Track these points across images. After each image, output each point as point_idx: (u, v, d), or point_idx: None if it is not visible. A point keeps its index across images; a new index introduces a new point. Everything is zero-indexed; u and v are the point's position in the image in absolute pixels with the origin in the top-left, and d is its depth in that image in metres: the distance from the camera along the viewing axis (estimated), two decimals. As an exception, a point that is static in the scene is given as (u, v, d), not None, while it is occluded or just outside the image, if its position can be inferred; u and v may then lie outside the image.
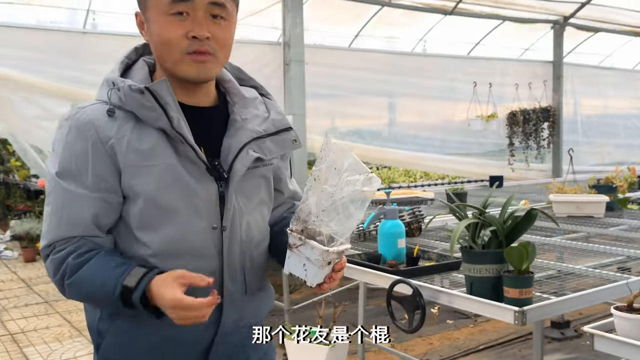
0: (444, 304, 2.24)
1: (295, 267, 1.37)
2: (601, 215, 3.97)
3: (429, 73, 7.00)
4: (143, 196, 1.34)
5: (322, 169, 1.34)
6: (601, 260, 2.86)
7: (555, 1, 6.95)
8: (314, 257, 1.33)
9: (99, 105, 1.37)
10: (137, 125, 1.35)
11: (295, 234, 1.35)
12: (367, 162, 9.74)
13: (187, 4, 1.32)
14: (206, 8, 1.33)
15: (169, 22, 1.33)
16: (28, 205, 9.90)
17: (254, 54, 5.64)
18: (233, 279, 1.44)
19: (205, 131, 1.42)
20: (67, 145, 1.35)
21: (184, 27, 1.33)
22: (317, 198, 1.34)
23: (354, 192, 1.32)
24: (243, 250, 1.45)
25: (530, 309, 1.95)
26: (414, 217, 3.36)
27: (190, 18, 1.33)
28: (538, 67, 7.72)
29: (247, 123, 1.46)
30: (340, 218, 1.33)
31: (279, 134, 1.50)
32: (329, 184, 1.33)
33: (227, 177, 1.40)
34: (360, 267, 2.60)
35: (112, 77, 1.39)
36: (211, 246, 1.40)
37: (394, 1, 6.49)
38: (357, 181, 1.32)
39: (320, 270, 1.35)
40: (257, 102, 1.52)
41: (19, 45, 4.84)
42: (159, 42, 1.37)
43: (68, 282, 1.34)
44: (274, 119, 1.51)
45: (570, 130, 7.99)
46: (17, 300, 6.03)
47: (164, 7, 1.33)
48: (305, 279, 1.36)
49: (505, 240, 2.10)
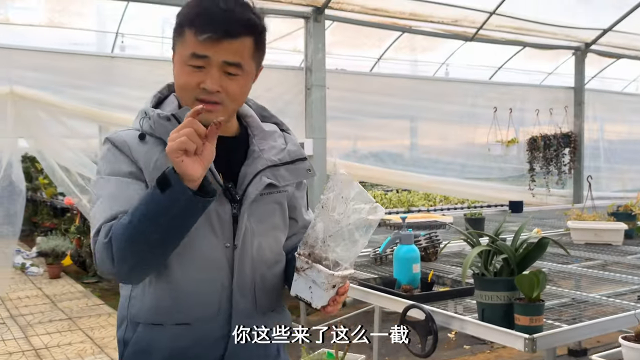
0: (456, 329, 2.28)
1: (302, 290, 1.46)
2: (619, 243, 3.96)
3: (450, 98, 7.06)
4: None
5: (330, 197, 1.43)
6: (616, 289, 2.87)
7: (576, 28, 6.98)
8: (320, 280, 1.42)
9: (132, 131, 1.54)
10: (165, 149, 1.44)
11: (302, 258, 1.44)
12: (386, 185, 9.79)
13: (204, 60, 1.45)
14: (220, 65, 1.46)
15: (187, 71, 1.47)
16: (54, 222, 10.10)
17: (277, 79, 5.76)
18: (243, 294, 1.53)
19: (224, 158, 1.52)
20: (108, 155, 1.51)
21: (198, 78, 1.46)
22: (324, 225, 1.43)
23: (360, 220, 1.41)
24: (254, 268, 1.55)
25: (540, 336, 1.99)
26: (430, 241, 3.40)
27: (206, 70, 1.46)
28: (559, 92, 7.74)
29: (264, 153, 1.59)
30: (346, 244, 1.42)
31: (293, 163, 1.62)
32: (337, 212, 1.42)
33: (241, 200, 1.52)
34: (375, 292, 2.65)
35: (144, 107, 1.55)
36: (223, 262, 1.51)
37: (414, 27, 6.57)
38: (362, 210, 1.41)
39: (325, 293, 1.43)
40: (276, 136, 1.65)
41: (51, 69, 5.03)
42: (177, 84, 1.52)
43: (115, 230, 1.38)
44: (290, 149, 1.63)
45: (592, 156, 7.95)
46: (42, 316, 6.16)
47: (185, 58, 1.47)
48: (310, 300, 1.45)
49: (517, 267, 2.14)
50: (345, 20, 6.09)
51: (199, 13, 1.45)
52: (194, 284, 1.49)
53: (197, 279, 1.49)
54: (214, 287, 1.51)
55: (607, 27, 7.01)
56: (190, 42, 1.45)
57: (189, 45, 1.45)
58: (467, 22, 6.39)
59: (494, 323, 2.12)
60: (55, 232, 9.06)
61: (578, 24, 6.90)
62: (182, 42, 1.47)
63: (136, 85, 5.29)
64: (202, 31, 1.43)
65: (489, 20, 6.36)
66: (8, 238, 5.17)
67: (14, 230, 4.95)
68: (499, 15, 6.30)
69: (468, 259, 2.09)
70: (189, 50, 1.45)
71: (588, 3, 6.74)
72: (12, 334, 5.57)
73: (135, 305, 1.53)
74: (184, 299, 1.49)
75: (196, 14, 1.45)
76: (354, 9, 5.79)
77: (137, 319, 1.53)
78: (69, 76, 5.10)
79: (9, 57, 4.76)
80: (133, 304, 1.54)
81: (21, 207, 4.90)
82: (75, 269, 8.29)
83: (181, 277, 1.48)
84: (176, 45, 1.51)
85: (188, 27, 1.46)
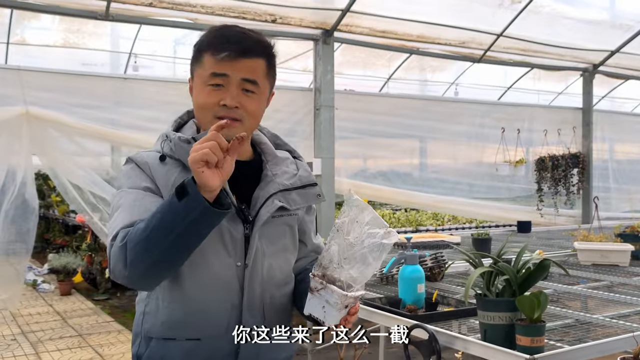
0: (459, 349, 2.31)
1: (315, 309, 1.51)
2: (626, 264, 3.97)
3: (458, 118, 7.11)
4: None
5: (345, 221, 1.50)
6: (621, 310, 2.88)
7: (584, 50, 7.03)
8: (333, 300, 1.47)
9: (153, 152, 1.64)
10: (183, 171, 1.58)
11: (317, 279, 1.50)
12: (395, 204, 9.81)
13: (223, 78, 1.56)
14: (239, 83, 1.57)
15: (207, 91, 1.57)
16: (66, 239, 10.20)
17: (287, 99, 5.84)
18: (252, 313, 1.59)
19: (239, 180, 1.59)
20: (129, 172, 1.60)
21: (218, 96, 1.56)
22: (339, 247, 1.49)
23: (374, 244, 1.48)
24: (263, 287, 1.61)
25: (541, 357, 2.01)
26: (436, 261, 3.43)
27: (225, 89, 1.56)
28: (568, 113, 7.77)
29: (276, 177, 1.67)
30: (359, 266, 1.48)
31: (304, 188, 1.71)
32: (352, 235, 1.48)
33: (253, 221, 1.59)
34: (380, 311, 2.68)
35: (166, 131, 1.65)
36: (234, 280, 1.58)
37: (422, 49, 6.65)
38: (377, 234, 1.48)
39: (338, 313, 1.48)
40: (289, 162, 1.74)
41: (65, 90, 5.13)
42: (197, 105, 1.61)
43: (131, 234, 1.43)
44: (302, 175, 1.72)
45: (601, 177, 7.95)
46: (52, 333, 6.21)
47: (205, 78, 1.57)
48: (323, 320, 1.50)
49: (519, 288, 2.17)
50: (354, 42, 6.18)
51: (216, 36, 1.58)
52: (206, 300, 1.55)
53: (208, 296, 1.55)
54: (224, 305, 1.57)
55: (614, 48, 7.05)
56: (208, 64, 1.56)
57: (208, 66, 1.56)
58: (474, 44, 6.46)
59: (496, 343, 2.15)
60: (66, 250, 9.14)
61: (585, 46, 6.95)
62: (201, 65, 1.58)
63: (147, 105, 5.39)
64: (221, 50, 1.54)
65: (496, 42, 6.42)
66: (21, 255, 5.25)
67: (27, 248, 5.03)
68: (506, 37, 6.36)
69: (470, 279, 2.12)
70: (208, 70, 1.56)
71: (595, 25, 6.79)
72: (23, 350, 5.63)
73: (149, 320, 1.60)
74: (195, 315, 1.55)
75: (213, 37, 1.58)
76: (363, 32, 5.88)
77: (150, 334, 1.59)
78: (82, 97, 5.21)
79: (25, 78, 4.87)
80: (147, 319, 1.61)
81: (34, 225, 4.97)
82: (86, 286, 8.36)
83: (193, 293, 1.55)
84: (195, 72, 1.61)
85: (206, 51, 1.57)
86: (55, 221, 11.22)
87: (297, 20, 5.50)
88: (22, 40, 7.59)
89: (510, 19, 6.07)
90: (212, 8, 5.09)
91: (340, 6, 5.42)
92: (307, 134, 5.90)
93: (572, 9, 6.60)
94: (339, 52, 7.68)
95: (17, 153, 4.88)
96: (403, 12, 5.72)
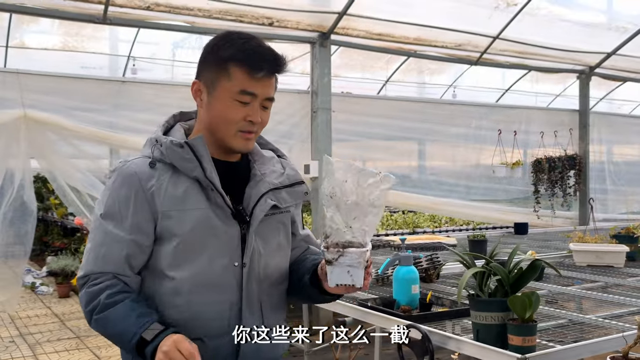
0: (452, 349, 2.33)
1: (341, 277, 1.51)
2: (621, 265, 4.00)
3: (456, 121, 7.13)
4: (179, 236, 1.57)
5: (334, 186, 1.51)
6: (615, 311, 2.90)
7: (580, 52, 7.05)
8: (356, 261, 1.49)
9: (142, 159, 1.63)
10: (174, 175, 1.60)
11: (332, 249, 1.50)
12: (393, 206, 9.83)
13: (252, 96, 1.60)
14: (262, 102, 1.62)
15: (234, 106, 1.60)
16: (64, 242, 10.21)
17: (284, 102, 5.87)
18: (251, 311, 1.63)
19: (231, 182, 1.66)
20: (113, 192, 1.60)
21: (244, 112, 1.60)
22: (340, 212, 1.50)
23: (377, 194, 1.49)
24: (261, 286, 1.65)
25: (533, 356, 2.04)
26: (431, 263, 3.46)
27: (250, 105, 1.60)
28: (564, 115, 7.79)
29: (265, 177, 1.71)
30: (368, 218, 1.50)
31: (292, 187, 1.75)
32: (351, 197, 1.49)
33: (249, 221, 1.63)
34: (375, 312, 2.70)
35: (155, 136, 1.66)
36: (232, 280, 1.61)
37: (419, 52, 6.67)
38: (376, 184, 1.50)
39: (362, 271, 1.50)
40: (275, 161, 1.77)
41: (63, 92, 5.16)
42: (219, 117, 1.62)
43: (96, 317, 1.54)
44: (289, 174, 1.76)
45: (598, 178, 7.98)
46: (50, 335, 6.22)
47: (233, 94, 1.59)
48: (353, 283, 1.51)
49: (511, 289, 2.19)
50: (351, 45, 6.20)
51: (250, 52, 1.58)
52: (206, 301, 1.58)
53: (208, 297, 1.58)
54: (224, 305, 1.60)
55: (610, 50, 7.07)
56: (240, 79, 1.58)
57: (239, 82, 1.58)
58: (470, 46, 6.48)
59: (488, 343, 2.17)
60: (65, 252, 9.15)
61: (582, 48, 6.97)
62: (228, 78, 1.58)
63: (145, 108, 5.42)
64: (258, 69, 1.57)
65: (492, 44, 6.44)
66: (19, 258, 5.27)
67: (25, 250, 5.05)
68: (503, 40, 6.38)
69: (462, 280, 2.14)
70: (239, 86, 1.58)
71: (592, 27, 6.81)
72: (21, 352, 5.64)
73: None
74: (197, 317, 1.58)
75: (247, 53, 1.58)
76: (360, 34, 5.90)
77: None
78: (81, 100, 5.23)
79: (23, 81, 4.89)
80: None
81: (32, 227, 5.00)
82: (84, 288, 8.35)
83: (194, 296, 1.57)
84: (217, 81, 1.60)
85: (237, 64, 1.57)
86: (54, 224, 11.24)
87: (294, 23, 5.52)
88: (21, 43, 7.62)
89: (506, 22, 6.09)
90: (210, 11, 5.11)
91: (337, 9, 5.45)
92: (304, 136, 5.92)
93: (568, 11, 6.63)
94: (337, 54, 7.70)
95: (15, 156, 4.90)
96: (399, 15, 5.74)
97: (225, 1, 5.03)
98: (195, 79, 1.66)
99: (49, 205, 11.12)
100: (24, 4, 4.80)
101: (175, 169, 1.59)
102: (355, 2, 5.30)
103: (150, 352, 1.45)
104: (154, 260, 1.59)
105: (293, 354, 4.61)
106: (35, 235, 5.43)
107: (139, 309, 1.53)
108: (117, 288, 1.54)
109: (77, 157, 5.66)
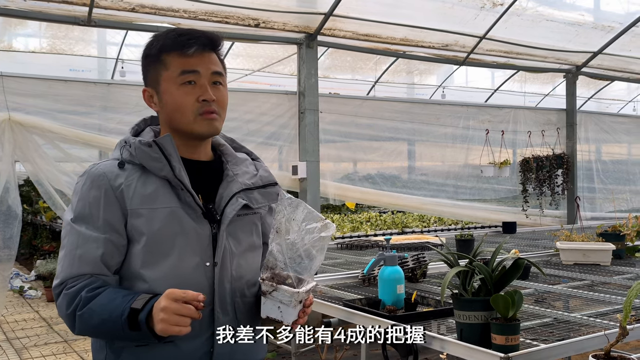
0: (436, 349, 2.32)
1: (271, 311, 1.55)
2: (608, 263, 4.01)
3: (445, 121, 7.15)
4: (147, 235, 1.55)
5: (282, 222, 1.56)
6: (601, 309, 2.91)
7: (566, 51, 7.08)
8: (287, 299, 1.52)
9: (111, 161, 1.63)
10: (143, 174, 1.59)
11: (267, 282, 1.54)
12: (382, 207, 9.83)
13: (194, 74, 1.59)
14: (210, 77, 1.61)
15: (182, 91, 1.60)
16: (53, 245, 10.13)
17: (272, 103, 5.86)
18: (224, 311, 1.61)
19: (202, 181, 1.65)
20: (82, 195, 1.58)
21: (194, 94, 1.60)
22: (281, 248, 1.54)
23: (314, 238, 1.53)
24: (233, 286, 1.63)
25: (516, 355, 2.03)
26: (417, 263, 3.46)
27: (198, 85, 1.60)
28: (552, 114, 7.82)
29: (238, 177, 1.70)
30: (304, 262, 1.54)
31: (265, 188, 1.75)
32: (291, 235, 1.54)
33: (219, 220, 1.62)
34: (359, 312, 2.70)
35: (124, 138, 1.66)
36: (204, 280, 1.59)
37: (407, 52, 6.68)
38: (315, 229, 1.54)
39: (294, 310, 1.53)
40: (248, 163, 1.77)
41: (49, 95, 5.11)
42: (173, 108, 1.62)
43: (80, 313, 1.49)
44: (262, 175, 1.76)
45: (586, 177, 8.01)
46: (37, 339, 6.18)
47: (176, 79, 1.60)
48: (281, 319, 1.54)
49: (494, 288, 2.19)
50: (338, 46, 6.20)
51: (176, 36, 1.60)
52: None
53: None
54: None
55: (597, 50, 7.11)
56: (175, 63, 1.59)
57: (175, 65, 1.59)
58: (457, 46, 6.50)
59: (472, 342, 2.17)
60: (54, 255, 9.09)
61: (568, 47, 7.00)
62: (165, 68, 1.60)
63: (134, 111, 5.38)
64: (188, 47, 1.58)
65: (479, 44, 6.46)
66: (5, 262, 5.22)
67: (10, 254, 5.00)
68: (490, 40, 6.40)
69: (446, 279, 2.14)
70: (177, 69, 1.59)
71: (578, 27, 6.84)
72: (8, 356, 5.60)
73: None
74: None
75: (174, 39, 1.60)
76: (347, 35, 5.90)
77: (120, 343, 1.56)
78: (68, 103, 5.19)
79: (6, 84, 4.85)
80: None
81: (17, 231, 4.95)
82: (73, 292, 8.30)
83: None
84: (157, 77, 1.62)
85: (169, 52, 1.60)
86: (43, 227, 11.16)
87: (280, 24, 5.51)
88: (9, 47, 7.57)
89: (492, 22, 6.11)
90: (195, 13, 5.09)
91: (323, 10, 5.44)
92: (292, 137, 5.91)
93: (554, 10, 6.65)
94: (326, 56, 7.71)
95: (0, 159, 4.86)
96: (386, 16, 5.75)
97: (210, 2, 5.01)
98: (144, 87, 1.68)
99: (37, 208, 11.05)
100: (7, 6, 4.77)
101: (145, 169, 1.59)
102: (341, 3, 5.30)
103: (144, 318, 1.42)
104: (127, 262, 1.57)
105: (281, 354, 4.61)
106: (24, 239, 5.39)
107: (122, 291, 1.51)
108: (96, 284, 1.52)
109: (64, 161, 5.62)
